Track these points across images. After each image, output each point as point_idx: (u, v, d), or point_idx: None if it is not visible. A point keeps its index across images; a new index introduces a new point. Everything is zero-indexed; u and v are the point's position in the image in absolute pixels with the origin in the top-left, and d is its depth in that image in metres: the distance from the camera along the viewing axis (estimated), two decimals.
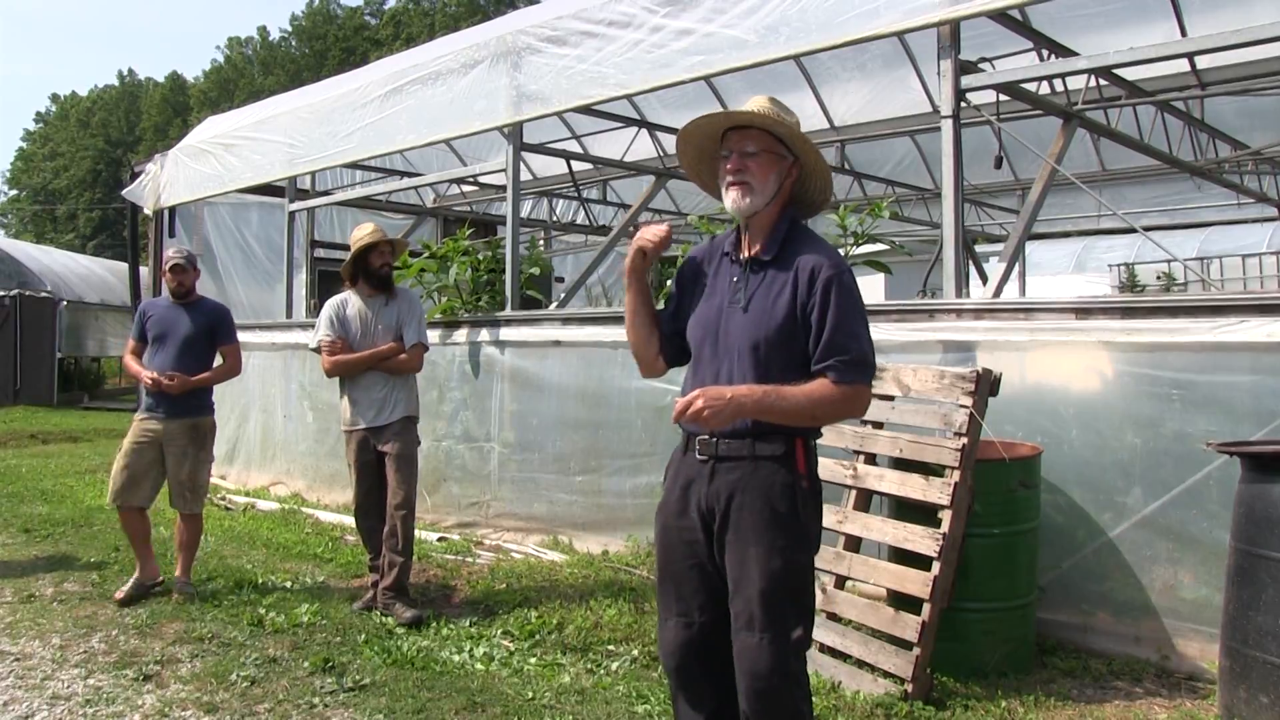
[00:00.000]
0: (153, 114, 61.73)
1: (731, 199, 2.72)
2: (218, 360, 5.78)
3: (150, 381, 5.46)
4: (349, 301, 5.45)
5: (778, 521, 2.61)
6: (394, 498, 5.22)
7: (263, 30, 62.60)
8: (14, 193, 66.13)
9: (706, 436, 2.69)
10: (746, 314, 2.68)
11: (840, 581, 4.39)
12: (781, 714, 2.61)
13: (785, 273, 2.67)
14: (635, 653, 4.44)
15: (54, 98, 67.68)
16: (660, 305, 2.97)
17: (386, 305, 5.43)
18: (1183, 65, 7.62)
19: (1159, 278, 14.40)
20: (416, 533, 5.90)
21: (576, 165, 9.51)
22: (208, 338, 5.70)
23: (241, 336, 5.95)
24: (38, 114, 68.64)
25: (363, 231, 5.44)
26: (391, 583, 5.16)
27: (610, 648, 4.56)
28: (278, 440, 9.04)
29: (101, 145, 61.56)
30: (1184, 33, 7.22)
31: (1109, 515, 4.41)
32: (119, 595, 5.34)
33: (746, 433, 2.64)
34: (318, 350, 5.41)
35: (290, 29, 61.91)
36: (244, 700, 4.00)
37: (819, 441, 2.80)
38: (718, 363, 2.70)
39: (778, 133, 2.71)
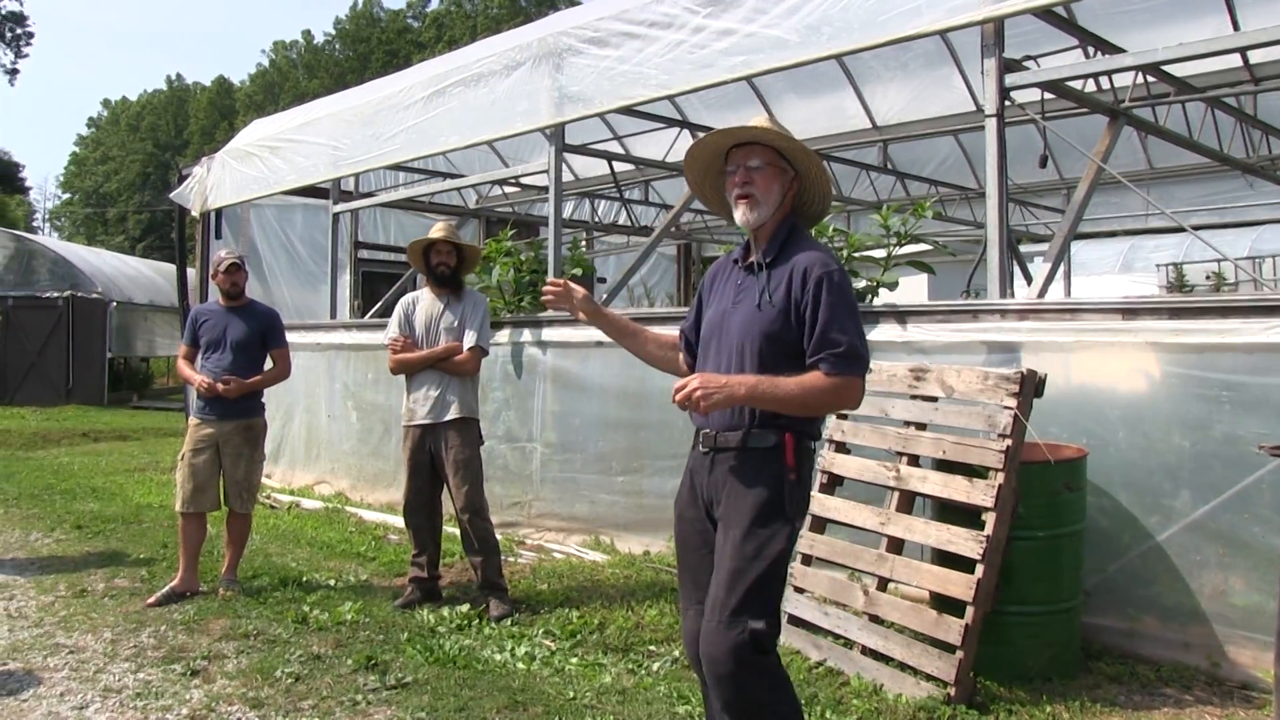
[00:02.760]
0: (200, 117, 62.84)
1: (740, 213, 2.84)
2: (268, 363, 5.87)
3: (206, 388, 5.55)
4: (419, 300, 5.57)
5: (761, 510, 2.69)
6: (457, 502, 5.27)
7: (307, 34, 63.49)
8: (67, 196, 67.62)
9: (709, 430, 2.80)
10: (745, 312, 2.79)
11: (883, 584, 4.36)
12: (742, 703, 2.65)
13: (781, 272, 2.77)
14: (676, 653, 4.44)
15: (105, 103, 69.27)
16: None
17: (449, 306, 5.49)
18: (1234, 60, 7.47)
19: (1208, 277, 14.17)
20: (452, 530, 5.93)
21: (618, 166, 9.50)
22: (260, 341, 5.79)
23: (287, 337, 6.03)
24: (90, 119, 70.20)
25: (433, 230, 5.53)
26: (480, 581, 5.30)
27: (651, 648, 4.57)
28: (322, 440, 9.15)
29: (150, 149, 62.77)
30: (1236, 27, 7.08)
31: (1156, 519, 4.33)
32: (150, 600, 5.37)
33: (741, 425, 2.74)
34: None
35: (334, 32, 62.75)
36: (288, 696, 4.06)
37: (857, 443, 2.80)
38: (719, 358, 2.82)
39: (779, 146, 2.81)
